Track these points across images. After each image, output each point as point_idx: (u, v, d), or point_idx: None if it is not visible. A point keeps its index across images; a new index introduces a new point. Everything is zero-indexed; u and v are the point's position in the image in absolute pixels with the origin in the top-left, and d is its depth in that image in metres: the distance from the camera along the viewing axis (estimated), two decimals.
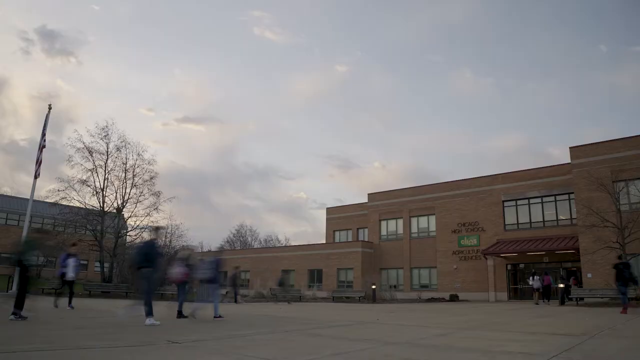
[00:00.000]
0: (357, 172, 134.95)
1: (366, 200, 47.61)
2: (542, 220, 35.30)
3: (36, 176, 25.79)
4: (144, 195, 39.18)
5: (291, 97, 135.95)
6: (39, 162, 25.66)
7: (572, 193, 31.95)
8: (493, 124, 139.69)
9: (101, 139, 37.87)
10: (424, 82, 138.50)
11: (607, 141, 30.79)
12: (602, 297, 25.63)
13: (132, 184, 38.85)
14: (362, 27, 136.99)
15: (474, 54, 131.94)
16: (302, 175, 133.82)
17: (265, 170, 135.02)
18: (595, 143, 31.06)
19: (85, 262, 58.45)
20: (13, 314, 10.81)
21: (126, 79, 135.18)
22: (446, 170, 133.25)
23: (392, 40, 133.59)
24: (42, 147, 25.72)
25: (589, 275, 29.00)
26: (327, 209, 54.48)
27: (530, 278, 29.09)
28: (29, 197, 25.58)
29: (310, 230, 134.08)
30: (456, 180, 41.27)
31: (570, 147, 31.51)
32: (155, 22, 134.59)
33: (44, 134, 25.97)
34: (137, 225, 39.49)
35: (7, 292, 25.48)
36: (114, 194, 38.71)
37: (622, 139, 30.31)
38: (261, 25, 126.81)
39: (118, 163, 38.55)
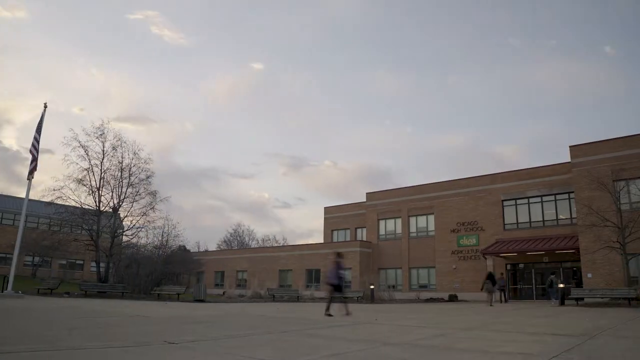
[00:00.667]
0: (311, 171, 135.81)
1: (364, 200, 47.41)
2: (541, 219, 35.09)
3: (29, 177, 25.55)
4: (140, 194, 39.00)
5: (216, 97, 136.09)
6: (33, 163, 25.39)
7: (572, 192, 31.76)
8: (433, 122, 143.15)
9: (97, 137, 37.67)
10: (340, 81, 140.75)
11: (607, 140, 30.57)
12: (602, 298, 25.46)
13: (128, 183, 38.67)
14: (264, 23, 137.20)
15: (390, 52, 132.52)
16: (254, 174, 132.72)
17: (213, 170, 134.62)
18: (596, 142, 30.84)
19: (81, 262, 58.32)
20: None
21: (53, 78, 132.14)
22: (397, 168, 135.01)
23: (301, 40, 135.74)
24: (34, 146, 25.45)
25: (589, 275, 28.81)
26: (325, 208, 54.24)
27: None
28: (24, 197, 25.37)
29: (277, 229, 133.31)
30: (455, 180, 41.02)
31: (570, 146, 31.31)
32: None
33: (38, 134, 25.69)
34: (133, 225, 39.27)
35: (2, 292, 25.17)
36: (110, 193, 38.55)
37: (622, 137, 30.11)
38: (158, 25, 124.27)
39: (114, 162, 38.40)
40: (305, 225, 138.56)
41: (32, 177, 25.49)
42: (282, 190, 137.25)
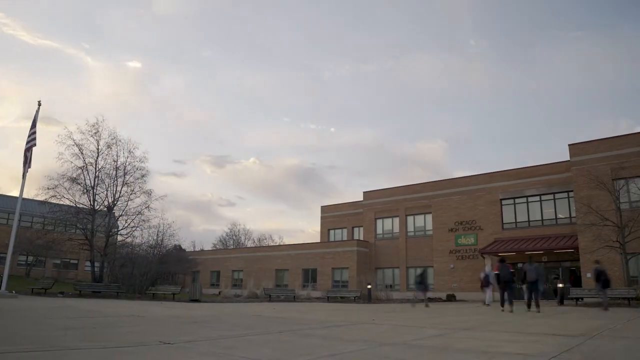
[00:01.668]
0: (238, 168, 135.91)
1: (361, 199, 47.11)
2: (540, 218, 34.90)
3: (24, 175, 25.21)
4: (135, 193, 38.74)
5: (105, 96, 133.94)
6: (28, 161, 25.05)
7: (571, 191, 31.63)
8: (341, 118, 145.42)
9: (91, 136, 37.41)
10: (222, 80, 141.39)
11: (606, 138, 30.44)
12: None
13: (123, 181, 38.40)
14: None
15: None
16: (177, 172, 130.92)
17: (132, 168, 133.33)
18: (595, 140, 30.71)
19: (75, 262, 57.92)
20: None
21: None
22: (323, 165, 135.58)
23: (182, 37, 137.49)
24: (30, 145, 25.11)
25: (589, 275, 28.53)
26: (322, 207, 54.00)
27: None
28: (17, 195, 25.08)
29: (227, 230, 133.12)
30: (453, 179, 40.85)
31: (569, 145, 31.17)
32: None
33: (32, 132, 25.34)
34: (128, 224, 38.96)
35: None
36: (105, 192, 38.25)
37: (622, 136, 30.04)
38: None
39: (109, 160, 38.12)
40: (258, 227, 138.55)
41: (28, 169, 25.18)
42: (214, 189, 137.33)
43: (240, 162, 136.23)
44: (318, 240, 52.13)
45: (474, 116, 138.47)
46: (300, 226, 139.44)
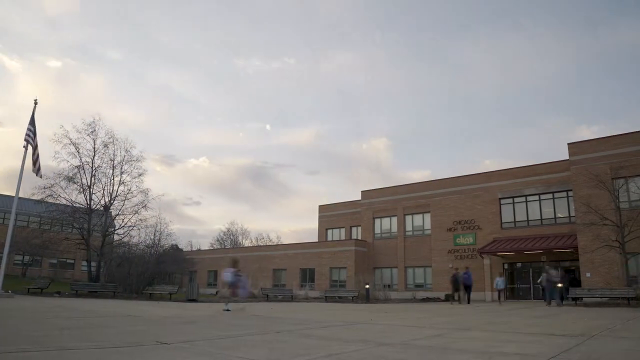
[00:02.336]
0: (189, 167, 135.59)
1: (359, 198, 46.97)
2: (539, 218, 34.79)
3: (39, 176, 25.16)
4: (131, 192, 38.54)
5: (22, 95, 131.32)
6: (35, 160, 24.89)
7: (571, 190, 31.50)
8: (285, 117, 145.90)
9: (88, 134, 37.24)
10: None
11: (606, 137, 30.35)
12: (601, 297, 25.13)
13: (119, 181, 38.24)
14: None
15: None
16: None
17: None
18: (594, 139, 30.64)
19: (71, 261, 57.68)
20: None
21: None
22: (272, 163, 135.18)
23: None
24: (28, 143, 24.89)
25: (588, 274, 28.55)
26: (320, 206, 53.89)
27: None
28: (14, 195, 24.90)
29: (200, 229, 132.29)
30: (451, 178, 40.70)
31: (568, 144, 31.07)
32: None
33: (32, 131, 25.12)
34: (125, 224, 38.80)
35: None
36: (102, 192, 38.09)
37: (621, 135, 29.89)
38: None
39: (105, 159, 37.93)
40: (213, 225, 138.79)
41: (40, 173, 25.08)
42: (171, 188, 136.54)
43: (189, 161, 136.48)
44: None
45: (409, 113, 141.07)
46: (270, 226, 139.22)
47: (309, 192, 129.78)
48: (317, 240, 51.44)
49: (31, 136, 24.91)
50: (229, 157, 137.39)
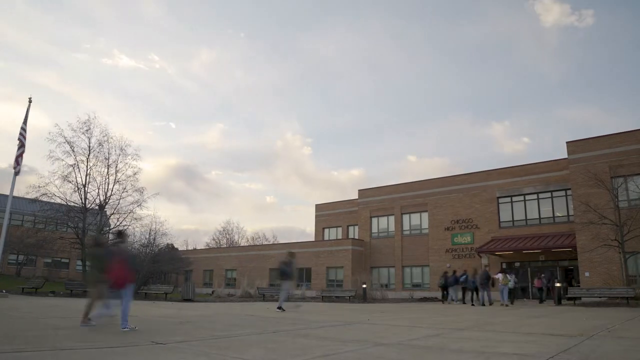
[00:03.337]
0: (120, 166, 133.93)
1: (356, 197, 46.71)
2: (538, 217, 34.59)
3: (17, 172, 24.73)
4: (127, 191, 38.37)
5: None
6: (18, 158, 24.55)
7: (569, 189, 31.34)
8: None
9: (82, 133, 37.08)
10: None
11: (605, 136, 30.18)
12: (599, 297, 24.99)
13: (114, 179, 38.12)
14: None
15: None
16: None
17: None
18: (593, 138, 30.44)
19: (66, 261, 57.30)
20: None
21: None
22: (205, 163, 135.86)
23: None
24: (20, 141, 24.61)
25: (587, 274, 28.39)
26: (316, 205, 53.69)
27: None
28: (8, 194, 24.62)
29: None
30: (449, 176, 40.54)
31: (567, 142, 30.90)
32: None
33: (24, 129, 24.86)
34: (120, 223, 38.54)
35: None
36: (96, 190, 37.95)
37: (620, 133, 29.72)
38: None
39: (100, 158, 37.85)
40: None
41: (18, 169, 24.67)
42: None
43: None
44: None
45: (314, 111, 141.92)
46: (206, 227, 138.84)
47: (245, 191, 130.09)
48: (313, 240, 51.18)
49: (24, 134, 24.64)
50: (151, 157, 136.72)
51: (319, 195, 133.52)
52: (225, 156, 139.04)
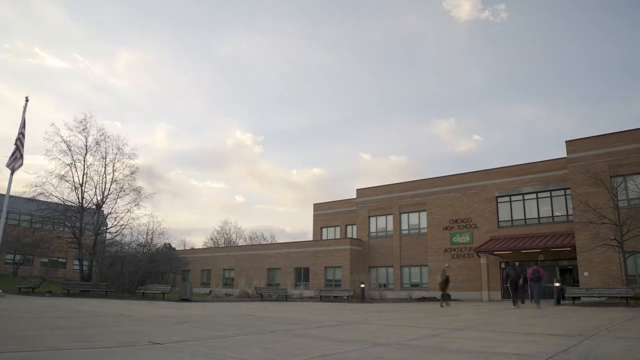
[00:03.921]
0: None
1: (354, 196, 46.60)
2: (537, 216, 34.53)
3: (13, 171, 24.58)
4: (124, 190, 38.22)
5: None
6: (14, 156, 24.41)
7: (568, 188, 31.29)
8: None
9: (79, 132, 36.91)
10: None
11: (604, 135, 30.13)
12: (599, 297, 24.94)
13: (112, 179, 38.02)
14: None
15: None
16: None
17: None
18: (592, 137, 30.40)
19: (63, 260, 57.12)
20: None
21: None
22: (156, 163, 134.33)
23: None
24: (18, 140, 24.47)
25: (586, 273, 28.35)
26: (315, 205, 53.58)
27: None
28: (4, 193, 24.48)
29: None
30: (448, 176, 40.43)
31: (566, 141, 30.86)
32: None
33: (23, 128, 24.74)
34: (117, 222, 38.41)
35: None
36: (94, 190, 37.80)
37: (619, 132, 29.70)
38: None
39: (97, 157, 37.67)
40: None
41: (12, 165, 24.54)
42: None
43: None
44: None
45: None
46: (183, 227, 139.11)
47: (208, 190, 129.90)
48: (311, 239, 51.09)
49: (23, 133, 24.53)
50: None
51: (284, 196, 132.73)
52: (175, 156, 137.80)
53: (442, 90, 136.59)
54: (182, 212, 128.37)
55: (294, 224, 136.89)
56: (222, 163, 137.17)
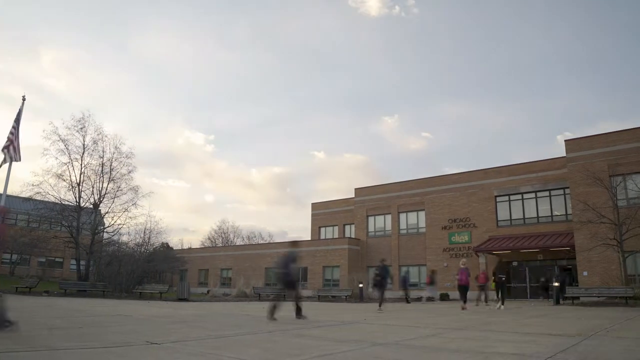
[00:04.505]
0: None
1: (352, 195, 46.50)
2: (536, 216, 34.46)
3: (8, 172, 24.40)
4: (121, 190, 38.20)
5: None
6: (5, 158, 24.22)
7: (567, 188, 31.24)
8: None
9: (77, 131, 36.81)
10: None
11: (603, 134, 30.11)
12: (598, 296, 24.89)
13: (109, 178, 37.81)
14: None
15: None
16: None
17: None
18: (591, 136, 30.39)
19: (60, 260, 56.95)
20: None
21: None
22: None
23: None
24: (10, 140, 24.31)
25: (585, 273, 28.30)
26: (313, 204, 53.48)
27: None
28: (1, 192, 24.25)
29: None
30: (446, 175, 40.44)
31: (565, 140, 30.86)
32: None
33: (16, 127, 24.55)
34: (115, 222, 38.29)
35: None
36: (91, 189, 37.65)
37: (619, 131, 29.67)
38: None
39: (95, 156, 37.50)
40: None
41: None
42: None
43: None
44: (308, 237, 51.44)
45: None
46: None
47: (172, 190, 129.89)
48: (310, 239, 50.96)
49: (15, 134, 24.33)
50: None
51: (250, 195, 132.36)
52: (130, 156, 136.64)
53: (378, 87, 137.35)
54: (154, 212, 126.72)
55: (269, 222, 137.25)
56: (176, 163, 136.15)
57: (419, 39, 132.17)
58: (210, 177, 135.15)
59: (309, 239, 51.10)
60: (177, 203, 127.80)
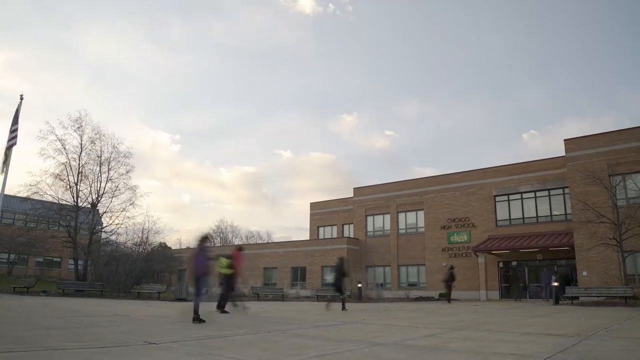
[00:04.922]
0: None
1: (351, 195, 46.43)
2: (535, 215, 34.40)
3: (5, 174, 24.33)
4: (119, 189, 38.08)
5: None
6: (7, 160, 24.16)
7: (567, 187, 31.15)
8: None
9: (74, 130, 36.67)
10: None
11: (603, 133, 29.99)
12: (597, 296, 24.83)
13: (107, 177, 37.73)
14: None
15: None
16: None
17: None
18: (591, 135, 30.28)
19: (58, 260, 56.80)
20: None
21: None
22: None
23: None
24: (10, 143, 24.24)
25: (584, 273, 28.20)
26: (311, 204, 53.40)
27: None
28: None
29: None
30: (445, 175, 40.36)
31: (564, 140, 30.70)
32: None
33: (14, 129, 24.48)
34: (113, 221, 38.17)
35: None
36: (89, 189, 37.55)
37: (618, 131, 29.58)
38: None
39: (92, 156, 37.37)
40: None
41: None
42: None
43: None
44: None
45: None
46: None
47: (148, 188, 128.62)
48: (308, 238, 50.87)
49: (15, 134, 24.30)
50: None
51: (223, 194, 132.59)
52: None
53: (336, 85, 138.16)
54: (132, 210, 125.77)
55: (251, 222, 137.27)
56: (143, 162, 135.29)
57: (353, 35, 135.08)
58: (179, 176, 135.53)
59: (307, 238, 51.07)
60: (154, 203, 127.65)
